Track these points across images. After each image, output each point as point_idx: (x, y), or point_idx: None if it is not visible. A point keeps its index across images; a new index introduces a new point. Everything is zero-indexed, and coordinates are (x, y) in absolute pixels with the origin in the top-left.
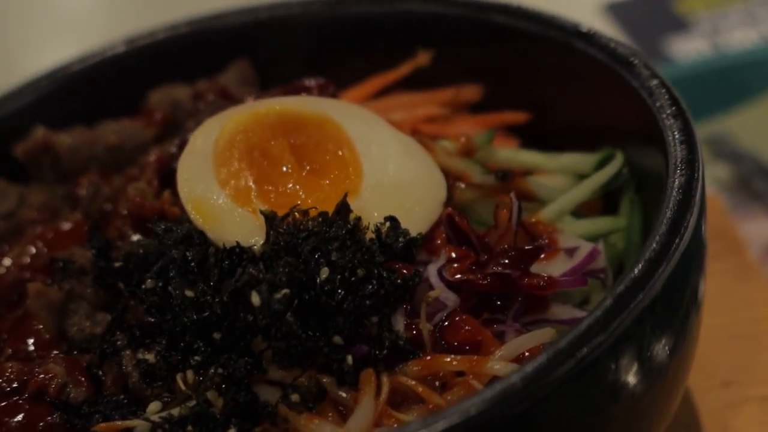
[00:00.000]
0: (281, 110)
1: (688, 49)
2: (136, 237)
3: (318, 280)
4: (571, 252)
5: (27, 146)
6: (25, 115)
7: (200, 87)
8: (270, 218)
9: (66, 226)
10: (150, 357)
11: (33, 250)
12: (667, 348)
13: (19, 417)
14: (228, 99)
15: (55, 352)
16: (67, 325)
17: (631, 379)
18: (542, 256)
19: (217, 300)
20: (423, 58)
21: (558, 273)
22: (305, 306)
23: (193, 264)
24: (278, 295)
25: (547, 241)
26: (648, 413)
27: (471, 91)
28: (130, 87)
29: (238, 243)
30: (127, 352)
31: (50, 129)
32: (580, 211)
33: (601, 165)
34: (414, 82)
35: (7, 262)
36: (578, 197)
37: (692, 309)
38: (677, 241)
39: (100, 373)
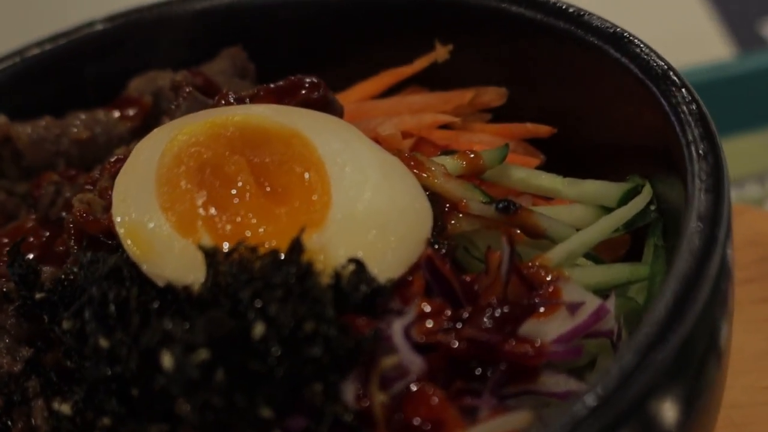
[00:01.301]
0: (241, 122)
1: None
2: (83, 254)
3: (251, 339)
4: (574, 308)
5: None
6: None
7: (178, 78)
8: (210, 255)
9: (18, 231)
10: (65, 408)
11: None
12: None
13: None
14: (211, 93)
15: None
16: None
17: None
18: (538, 312)
19: (133, 355)
20: (441, 53)
21: (555, 334)
22: (232, 369)
23: (112, 307)
24: (195, 359)
25: (547, 292)
26: None
27: (493, 93)
28: (109, 71)
29: (169, 283)
30: (39, 402)
31: (13, 118)
32: (601, 251)
33: (626, 197)
34: (430, 79)
35: None
36: (594, 238)
37: (712, 378)
38: (686, 315)
39: (9, 422)
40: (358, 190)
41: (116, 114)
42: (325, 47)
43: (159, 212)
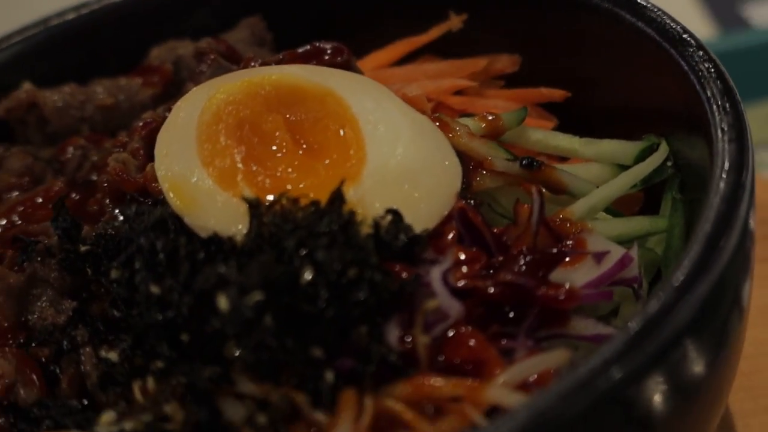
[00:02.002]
0: (277, 81)
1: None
2: (118, 212)
3: (300, 283)
4: (599, 257)
5: (10, 104)
6: (12, 68)
7: (202, 45)
8: (254, 206)
9: (39, 198)
10: (113, 356)
11: (4, 221)
12: (703, 373)
13: None
14: (234, 60)
15: (5, 348)
16: (28, 313)
17: (660, 411)
18: (565, 261)
19: (185, 299)
20: (455, 22)
21: (583, 281)
22: (283, 312)
23: (162, 256)
24: (250, 300)
25: (573, 243)
26: None
27: (506, 61)
28: (129, 41)
29: (215, 233)
30: (87, 350)
31: (38, 85)
32: (616, 208)
33: (643, 155)
34: (444, 48)
35: None
36: (614, 192)
37: (735, 327)
38: (716, 259)
39: (58, 370)
40: (391, 146)
41: (138, 81)
42: (339, 17)
43: (200, 167)
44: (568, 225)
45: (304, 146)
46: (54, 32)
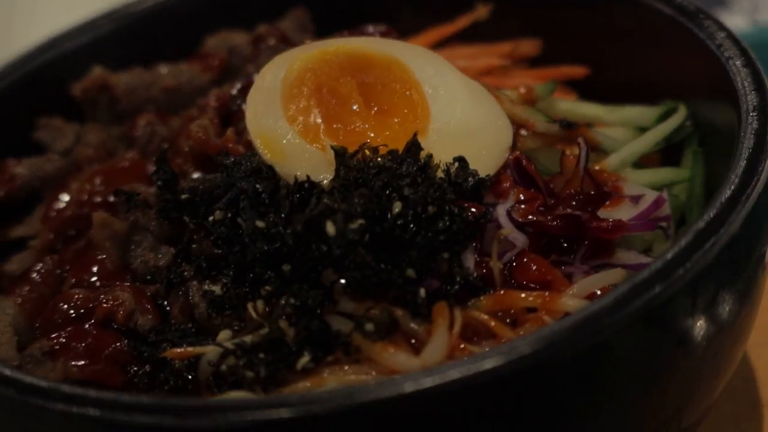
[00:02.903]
0: (349, 50)
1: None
2: (197, 175)
3: (390, 215)
4: (636, 199)
5: (84, 85)
6: (82, 54)
7: (261, 31)
8: (340, 153)
9: (124, 163)
10: (216, 289)
11: (89, 186)
12: (740, 292)
13: (86, 342)
14: (287, 44)
15: (120, 282)
16: (131, 257)
17: (702, 323)
18: (608, 202)
19: (288, 231)
20: (482, 12)
21: (625, 219)
22: (378, 239)
23: (264, 195)
24: (353, 225)
25: (612, 188)
26: (715, 362)
27: (529, 44)
28: (185, 32)
29: (308, 177)
30: (194, 283)
31: (108, 69)
32: (641, 164)
33: (663, 118)
34: (472, 36)
35: (66, 197)
36: (642, 148)
37: (763, 256)
38: (754, 182)
39: (166, 304)
40: (451, 107)
41: (197, 67)
42: (372, 8)
43: (287, 124)
44: (605, 175)
45: (375, 107)
46: (119, 23)
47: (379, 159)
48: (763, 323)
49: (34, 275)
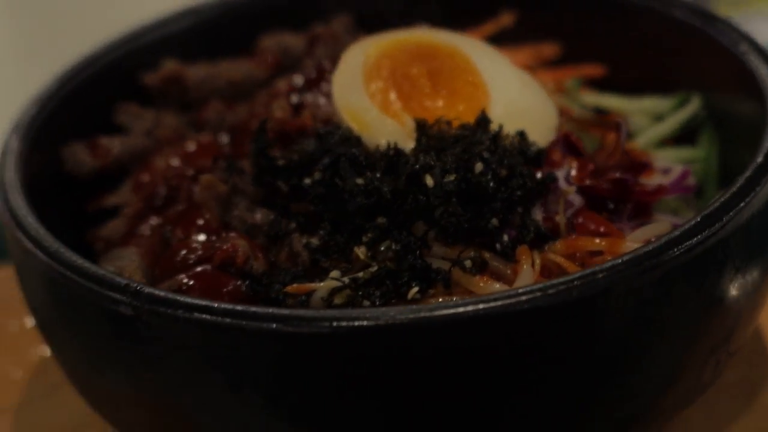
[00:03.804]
0: (418, 39)
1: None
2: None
3: (473, 173)
4: (665, 171)
5: (159, 76)
6: (151, 50)
7: (316, 31)
8: (421, 124)
9: (199, 143)
10: (314, 241)
11: (175, 160)
12: (755, 264)
13: (208, 283)
14: (340, 44)
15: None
16: (230, 217)
17: (753, 258)
18: (643, 172)
19: (385, 187)
20: (507, 19)
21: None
22: (465, 193)
23: (360, 157)
24: (449, 178)
25: (644, 160)
26: (757, 293)
27: (549, 48)
28: (242, 32)
29: (395, 144)
30: (296, 235)
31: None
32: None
33: (678, 107)
34: (492, 42)
35: (153, 171)
36: (664, 131)
37: None
38: None
39: (270, 256)
40: (506, 91)
41: (255, 63)
42: (396, 18)
43: (369, 101)
44: (636, 152)
45: (444, 90)
46: (186, 23)
47: (455, 131)
48: None
49: (142, 231)
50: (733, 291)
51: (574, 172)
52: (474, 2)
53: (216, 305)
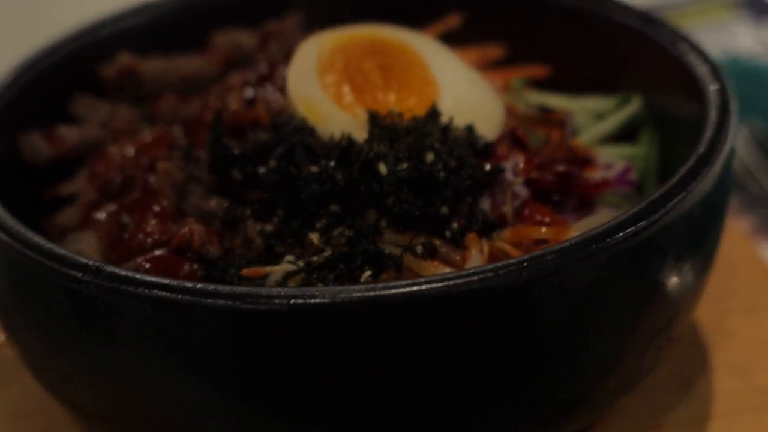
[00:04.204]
0: (372, 34)
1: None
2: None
3: (424, 163)
4: (608, 167)
5: (115, 68)
6: (107, 44)
7: (270, 27)
8: (374, 116)
9: (154, 134)
10: (268, 227)
11: (130, 149)
12: (716, 230)
13: (166, 265)
14: (292, 41)
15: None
16: (186, 204)
17: (690, 247)
18: (586, 168)
19: (339, 175)
20: (453, 20)
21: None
22: (416, 182)
23: (315, 146)
24: (402, 166)
25: (587, 156)
26: (697, 280)
27: (495, 50)
28: (195, 28)
29: (349, 134)
30: (251, 221)
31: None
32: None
33: (618, 107)
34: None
35: (109, 160)
36: (606, 129)
37: (728, 201)
38: (723, 139)
39: (224, 242)
40: (455, 87)
41: (206, 59)
42: (347, 17)
43: (323, 93)
44: (580, 148)
45: (395, 84)
46: (140, 19)
47: (406, 123)
48: None
49: (98, 217)
50: (675, 278)
51: (520, 165)
52: (421, 4)
53: (175, 283)
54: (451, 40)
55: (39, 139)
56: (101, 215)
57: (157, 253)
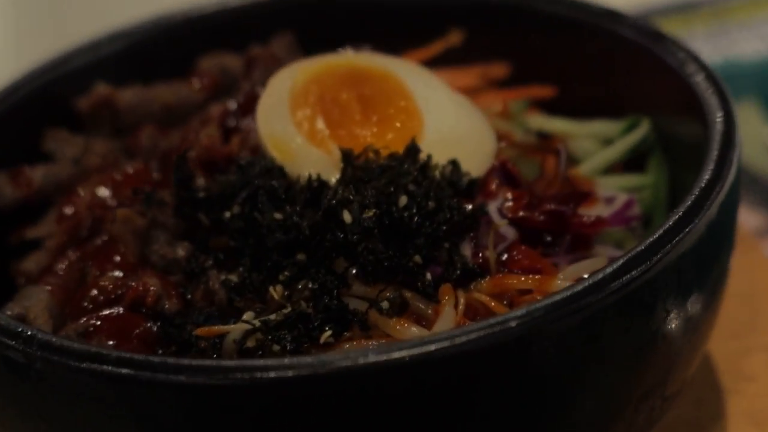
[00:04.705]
0: (349, 63)
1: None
2: (201, 181)
3: (397, 207)
4: (609, 201)
5: (90, 100)
6: (84, 73)
7: (253, 52)
8: (347, 154)
9: (130, 170)
10: (234, 278)
11: (102, 189)
12: (712, 279)
13: (118, 324)
14: (278, 65)
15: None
16: (150, 251)
17: (683, 301)
18: (584, 203)
19: (304, 222)
20: (455, 38)
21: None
22: (387, 229)
23: (280, 191)
24: (368, 214)
25: (586, 189)
26: (694, 336)
27: (499, 68)
28: (180, 53)
29: (318, 175)
30: (213, 272)
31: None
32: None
33: (627, 131)
34: (441, 61)
35: (77, 201)
36: (611, 156)
37: (731, 243)
38: (725, 173)
39: (186, 294)
40: (441, 117)
41: (191, 86)
42: (344, 35)
43: (294, 129)
44: (579, 179)
45: (375, 117)
46: (119, 46)
47: (383, 160)
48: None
49: (59, 267)
50: (665, 334)
51: (509, 204)
52: (422, 21)
53: (110, 354)
54: (454, 58)
55: (3, 181)
56: (62, 264)
57: (107, 311)
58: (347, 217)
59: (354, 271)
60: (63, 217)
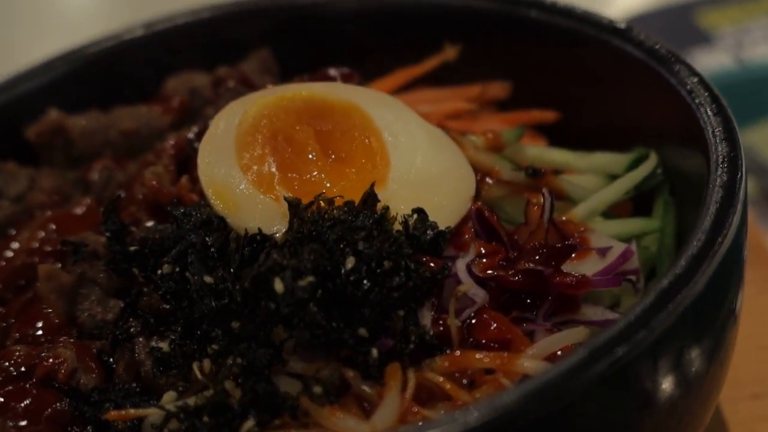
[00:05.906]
0: (307, 96)
1: (711, 62)
2: (150, 223)
3: (343, 270)
4: (603, 252)
5: (40, 128)
6: (38, 96)
7: (220, 73)
8: (294, 205)
9: (78, 210)
10: (164, 345)
11: (42, 234)
12: (706, 353)
13: (25, 402)
14: (248, 87)
15: (64, 337)
16: (78, 311)
17: (668, 384)
18: (574, 255)
19: (237, 287)
20: (450, 53)
21: (590, 273)
22: (330, 296)
23: (213, 249)
24: (303, 283)
25: (578, 240)
26: (682, 422)
27: (498, 87)
28: (146, 73)
29: (260, 230)
30: (141, 339)
31: (63, 112)
32: (611, 213)
33: (633, 165)
34: (440, 79)
35: (16, 245)
36: (611, 197)
37: (731, 313)
38: (721, 239)
39: (111, 360)
40: (412, 155)
41: (156, 109)
42: (341, 49)
43: (240, 173)
44: (571, 226)
45: (333, 155)
46: (75, 65)
47: (334, 211)
48: (737, 379)
49: None
50: (645, 425)
51: (481, 261)
52: (418, 36)
53: None
54: (451, 76)
55: None
56: None
57: (15, 387)
58: (279, 286)
59: (292, 344)
60: None
